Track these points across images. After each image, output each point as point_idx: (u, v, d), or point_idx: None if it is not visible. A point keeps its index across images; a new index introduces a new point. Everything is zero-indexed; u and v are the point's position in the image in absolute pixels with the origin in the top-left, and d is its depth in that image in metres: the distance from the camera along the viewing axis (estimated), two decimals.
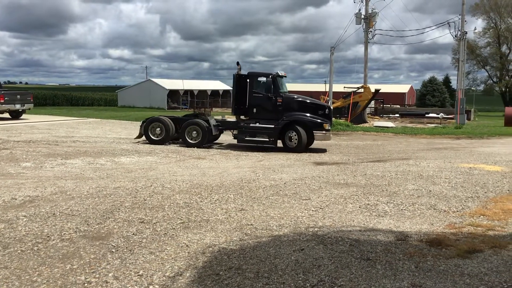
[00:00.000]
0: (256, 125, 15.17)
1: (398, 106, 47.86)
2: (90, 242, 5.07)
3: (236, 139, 15.53)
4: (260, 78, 15.47)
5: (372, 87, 30.35)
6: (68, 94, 57.64)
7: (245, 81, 15.55)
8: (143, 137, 15.98)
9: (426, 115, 37.71)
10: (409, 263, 4.60)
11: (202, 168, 10.81)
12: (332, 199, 7.44)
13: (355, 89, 30.87)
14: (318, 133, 14.86)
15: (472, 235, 5.63)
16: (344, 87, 33.39)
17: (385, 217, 6.49)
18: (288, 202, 7.18)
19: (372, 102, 34.10)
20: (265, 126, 15.04)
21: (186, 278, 4.20)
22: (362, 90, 30.00)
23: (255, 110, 15.40)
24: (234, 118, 16.19)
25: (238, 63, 15.84)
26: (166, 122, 15.61)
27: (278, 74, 15.42)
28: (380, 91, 30.15)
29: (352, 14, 32.05)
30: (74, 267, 4.38)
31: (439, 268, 4.47)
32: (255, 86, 15.39)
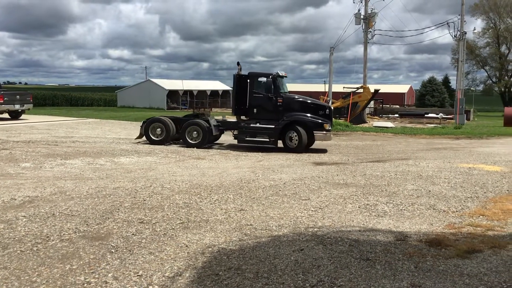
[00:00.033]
0: (257, 125, 15.16)
1: (398, 106, 47.93)
2: (89, 242, 5.07)
3: (236, 140, 15.52)
4: (261, 78, 15.44)
5: (372, 87, 30.36)
6: (68, 95, 57.70)
7: (245, 81, 15.53)
8: (143, 137, 15.98)
9: (426, 115, 37.75)
10: (408, 263, 4.60)
11: (201, 168, 10.81)
12: (331, 199, 7.44)
13: (355, 89, 30.87)
14: (319, 133, 14.86)
15: (472, 235, 5.64)
16: (344, 87, 33.39)
17: (384, 217, 6.50)
18: (287, 202, 7.19)
19: (372, 102, 34.13)
20: (265, 126, 15.02)
21: (186, 278, 4.20)
22: (361, 90, 30.01)
23: (255, 110, 15.39)
24: (235, 119, 16.19)
25: (239, 63, 15.85)
26: (167, 123, 15.61)
27: (278, 74, 15.40)
28: (379, 91, 30.16)
29: (351, 14, 32.12)
30: (74, 267, 4.38)
31: (439, 268, 4.48)
32: (255, 86, 15.38)
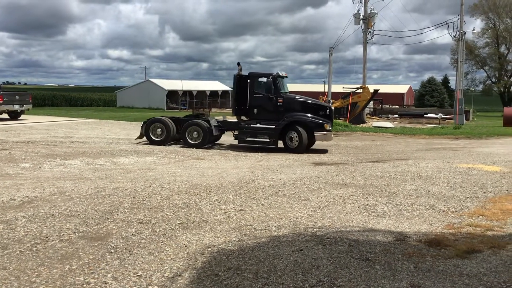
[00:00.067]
0: (257, 125, 15.13)
1: (397, 106, 47.95)
2: (89, 242, 5.07)
3: (236, 140, 15.51)
4: (261, 79, 15.41)
5: (371, 88, 30.37)
6: (67, 95, 57.74)
7: (245, 81, 15.50)
8: (144, 137, 15.98)
9: (425, 115, 37.76)
10: (408, 263, 4.60)
11: (201, 168, 10.81)
12: (331, 200, 7.45)
13: (354, 89, 30.87)
14: (319, 133, 14.84)
15: (471, 235, 5.64)
16: (343, 88, 33.37)
17: (384, 217, 6.50)
18: (287, 203, 7.19)
19: (371, 102, 34.13)
20: (265, 126, 15.00)
21: (185, 278, 4.20)
22: (361, 91, 30.00)
23: (255, 110, 15.35)
24: (235, 119, 16.18)
25: (239, 64, 15.83)
26: (167, 123, 15.61)
27: (279, 74, 15.38)
28: (379, 91, 30.16)
29: (351, 14, 32.08)
30: (73, 267, 4.38)
31: (438, 268, 4.48)
32: (255, 86, 15.35)
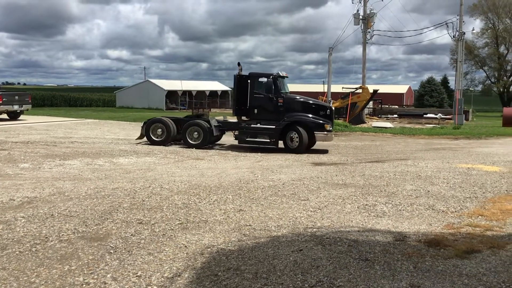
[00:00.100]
0: (257, 125, 15.11)
1: (397, 106, 47.96)
2: (88, 243, 5.07)
3: (237, 140, 15.49)
4: (261, 79, 15.38)
5: (371, 88, 30.36)
6: (66, 95, 57.68)
7: (246, 81, 15.48)
8: (144, 137, 15.98)
9: (424, 115, 37.78)
10: (407, 263, 4.60)
11: (200, 168, 10.80)
12: (330, 200, 7.45)
13: (354, 89, 30.87)
14: (319, 133, 14.82)
15: (471, 235, 5.64)
16: (343, 88, 33.36)
17: (383, 217, 6.50)
18: (286, 203, 7.19)
19: (371, 102, 34.14)
20: (266, 126, 14.98)
21: (185, 279, 4.20)
22: (360, 91, 30.01)
23: (256, 110, 15.33)
24: (235, 119, 16.17)
25: (239, 64, 15.82)
26: (167, 123, 15.61)
27: (279, 74, 15.37)
28: (378, 91, 30.17)
29: (350, 14, 32.04)
30: (73, 268, 4.37)
31: (438, 268, 4.48)
32: (256, 86, 15.32)
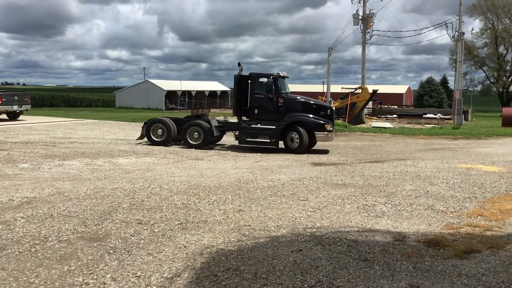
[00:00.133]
0: (258, 126, 15.09)
1: (396, 106, 47.94)
2: (87, 243, 5.07)
3: (237, 140, 15.48)
4: (261, 79, 15.37)
5: (370, 88, 30.35)
6: (66, 95, 57.62)
7: (246, 82, 15.46)
8: (145, 138, 15.98)
9: (424, 115, 37.79)
10: (407, 263, 4.60)
11: (200, 169, 10.80)
12: (330, 200, 7.45)
13: (353, 89, 30.86)
14: (320, 134, 14.80)
15: (470, 235, 5.64)
16: (342, 88, 33.34)
17: (383, 217, 6.50)
18: (286, 203, 7.19)
19: (370, 102, 34.13)
20: (266, 127, 14.96)
21: (184, 279, 4.20)
22: (360, 91, 30.01)
23: (256, 111, 15.31)
24: (236, 119, 16.16)
25: (240, 64, 15.81)
26: (168, 123, 15.61)
27: (279, 74, 15.36)
28: (377, 91, 30.15)
29: (349, 15, 32.03)
30: (72, 268, 4.37)
31: (437, 268, 4.48)
32: (256, 86, 15.31)
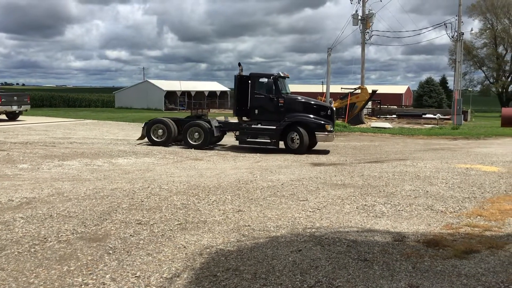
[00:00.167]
0: (258, 126, 15.09)
1: (395, 107, 47.95)
2: (87, 243, 5.06)
3: (238, 141, 15.47)
4: (262, 79, 15.37)
5: (369, 88, 30.36)
6: (65, 96, 57.67)
7: (246, 82, 15.46)
8: (145, 138, 15.98)
9: (423, 115, 37.81)
10: (406, 263, 4.61)
11: (199, 169, 10.80)
12: (329, 200, 7.45)
13: (352, 90, 30.88)
14: (320, 134, 14.78)
15: (469, 235, 5.65)
16: (342, 88, 33.35)
17: (382, 217, 6.50)
18: (285, 203, 7.19)
19: (369, 103, 34.15)
20: (266, 127, 14.95)
21: (184, 279, 4.20)
22: (359, 91, 30.03)
23: (256, 111, 15.29)
24: (236, 119, 16.16)
25: (240, 64, 15.81)
26: (168, 124, 15.61)
27: (280, 75, 15.35)
28: (377, 92, 30.15)
29: (349, 15, 32.04)
30: (71, 268, 4.37)
31: (436, 268, 4.49)
32: (256, 87, 15.30)
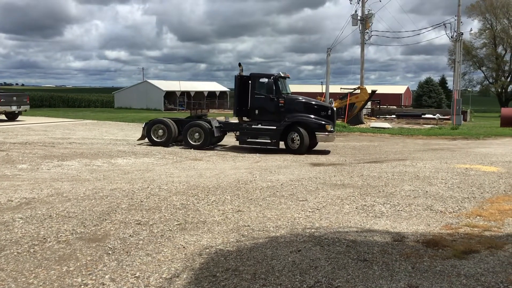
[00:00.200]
0: (258, 126, 15.06)
1: (395, 107, 48.00)
2: (86, 244, 5.06)
3: (238, 141, 15.46)
4: (262, 79, 15.34)
5: (369, 88, 30.38)
6: (65, 96, 57.62)
7: (247, 82, 15.44)
8: (145, 138, 15.96)
9: (423, 116, 37.82)
10: (405, 263, 4.61)
11: (199, 169, 10.80)
12: (328, 200, 7.45)
13: (352, 90, 30.89)
14: (321, 134, 14.76)
15: (469, 235, 5.65)
16: (341, 88, 33.34)
17: (381, 218, 6.51)
18: (285, 203, 7.19)
19: (369, 103, 34.16)
20: (267, 127, 14.93)
21: (183, 279, 4.20)
22: (358, 91, 30.04)
23: (257, 111, 15.26)
24: (237, 120, 16.15)
25: (240, 64, 15.79)
26: (169, 124, 15.59)
27: (280, 75, 15.34)
28: (376, 92, 30.16)
29: (348, 15, 32.09)
30: (71, 269, 4.37)
31: (436, 268, 4.49)
32: (257, 87, 15.27)
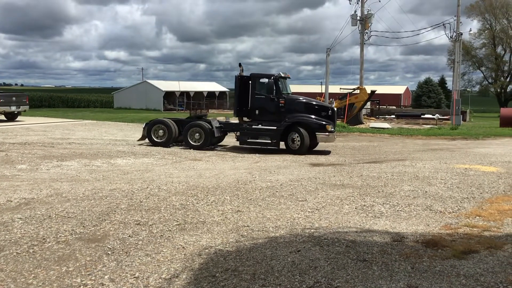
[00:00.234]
0: (259, 126, 15.05)
1: (394, 107, 48.04)
2: (86, 244, 5.06)
3: (238, 141, 15.45)
4: (262, 80, 15.33)
5: (368, 88, 30.38)
6: (64, 96, 57.55)
7: (247, 82, 15.44)
8: (146, 139, 15.95)
9: (422, 116, 37.83)
10: (405, 264, 4.61)
11: (198, 169, 10.80)
12: (328, 200, 7.45)
13: (351, 90, 30.90)
14: (321, 134, 14.75)
15: (468, 235, 5.65)
16: (340, 88, 33.35)
17: (381, 218, 6.51)
18: (284, 204, 7.19)
19: (368, 103, 34.19)
20: (267, 127, 14.92)
21: (182, 280, 4.19)
22: (358, 91, 30.05)
23: (257, 111, 15.25)
24: (237, 120, 16.14)
25: (240, 65, 15.78)
26: (169, 124, 15.58)
27: (280, 75, 15.34)
28: (376, 92, 30.17)
29: (348, 15, 32.15)
30: (70, 269, 4.37)
31: (435, 269, 4.49)
32: (257, 87, 15.26)
